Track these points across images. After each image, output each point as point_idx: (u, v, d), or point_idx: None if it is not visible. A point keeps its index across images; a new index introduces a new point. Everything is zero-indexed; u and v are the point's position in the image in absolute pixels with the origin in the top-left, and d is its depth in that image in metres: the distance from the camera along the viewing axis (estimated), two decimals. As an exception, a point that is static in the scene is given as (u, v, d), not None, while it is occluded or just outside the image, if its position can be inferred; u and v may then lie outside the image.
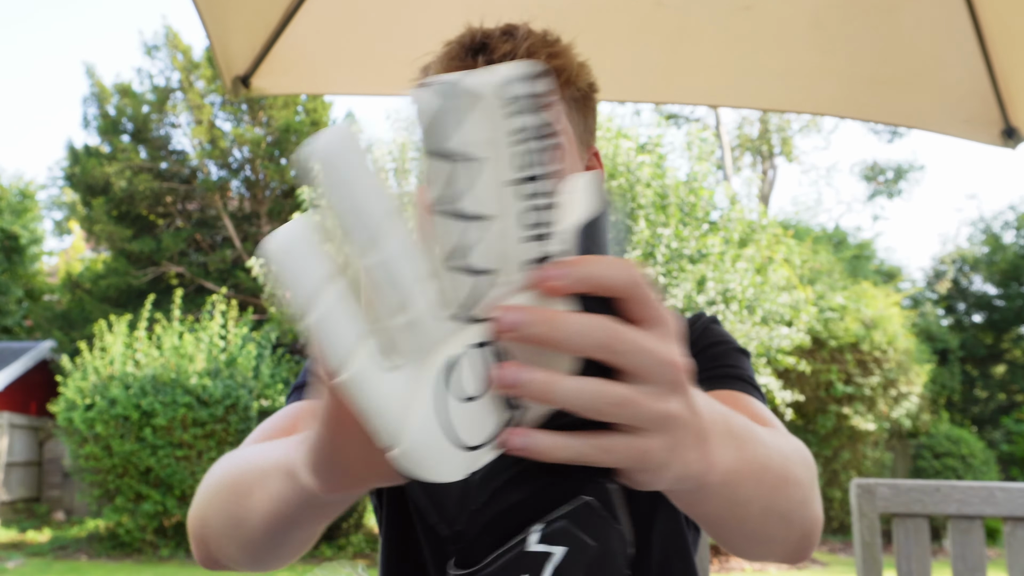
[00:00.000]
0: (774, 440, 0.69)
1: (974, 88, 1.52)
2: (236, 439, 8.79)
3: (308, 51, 1.68)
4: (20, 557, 8.71)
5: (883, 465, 11.12)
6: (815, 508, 0.74)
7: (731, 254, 9.02)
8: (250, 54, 1.65)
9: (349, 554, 9.08)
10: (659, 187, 9.01)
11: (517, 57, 0.87)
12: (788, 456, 0.70)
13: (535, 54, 0.88)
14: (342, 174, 0.37)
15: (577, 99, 0.94)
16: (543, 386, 0.41)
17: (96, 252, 16.92)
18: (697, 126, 15.54)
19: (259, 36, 1.62)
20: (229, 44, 1.60)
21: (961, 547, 1.46)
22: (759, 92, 1.70)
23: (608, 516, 0.45)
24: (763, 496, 0.64)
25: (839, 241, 15.72)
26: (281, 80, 1.70)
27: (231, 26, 1.56)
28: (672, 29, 1.62)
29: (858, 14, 1.53)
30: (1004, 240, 16.24)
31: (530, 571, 0.43)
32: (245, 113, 13.69)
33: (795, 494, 0.70)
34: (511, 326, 0.40)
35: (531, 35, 0.90)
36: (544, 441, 0.42)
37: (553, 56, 0.90)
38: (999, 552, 9.38)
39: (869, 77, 1.58)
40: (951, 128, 1.57)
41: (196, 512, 0.75)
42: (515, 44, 0.88)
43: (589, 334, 0.41)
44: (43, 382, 12.67)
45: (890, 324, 10.81)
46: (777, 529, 0.70)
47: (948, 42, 1.50)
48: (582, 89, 0.95)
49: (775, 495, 0.66)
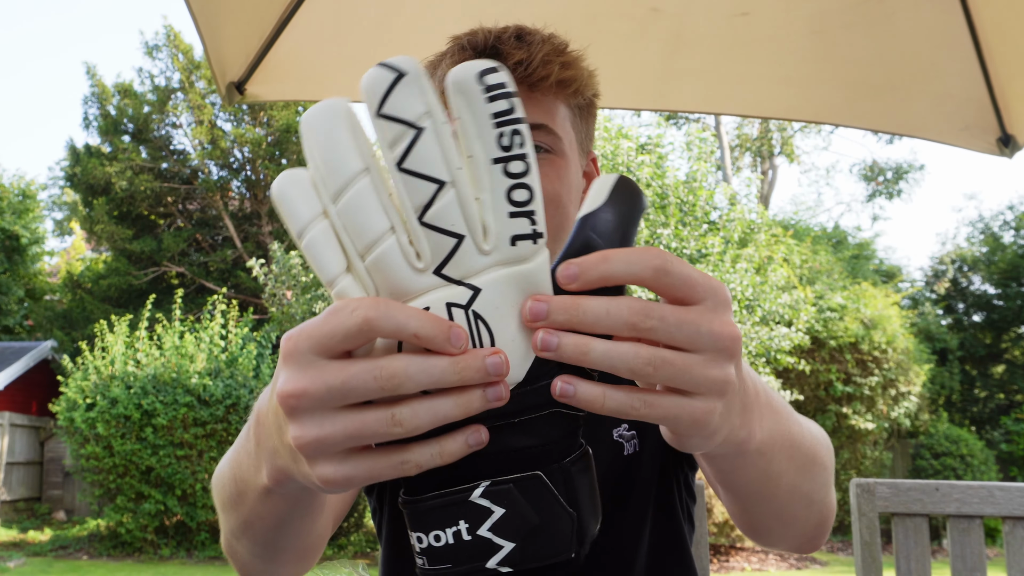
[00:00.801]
0: (804, 421, 0.72)
1: (971, 96, 1.52)
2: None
3: (302, 58, 1.68)
4: (21, 557, 8.72)
5: (882, 465, 11.12)
6: (833, 495, 0.78)
7: (731, 254, 9.02)
8: (244, 61, 1.65)
9: (349, 554, 9.09)
10: (659, 187, 9.00)
11: (532, 65, 0.89)
12: (817, 438, 0.73)
13: (549, 63, 0.90)
14: (319, 134, 0.42)
15: (582, 107, 0.97)
16: (577, 348, 0.43)
17: (97, 252, 16.93)
18: (697, 126, 15.54)
19: (253, 43, 1.62)
20: (224, 51, 1.59)
21: (960, 546, 1.47)
22: (756, 99, 1.70)
23: (557, 496, 0.46)
24: (792, 472, 0.67)
25: (838, 241, 15.71)
26: (275, 87, 1.70)
27: (226, 33, 1.55)
28: (669, 36, 1.62)
29: (856, 22, 1.53)
30: (1003, 240, 16.23)
31: (468, 521, 0.45)
32: (246, 114, 13.70)
33: (819, 476, 0.73)
34: (536, 316, 0.44)
35: (544, 43, 0.91)
36: (589, 391, 0.44)
37: (565, 66, 0.92)
38: (998, 552, 9.38)
39: (866, 84, 1.58)
40: (948, 136, 1.57)
41: (223, 539, 0.76)
42: (530, 52, 0.90)
43: (616, 314, 0.44)
44: (44, 382, 12.68)
45: (889, 324, 10.81)
46: (800, 509, 0.72)
47: (945, 50, 1.50)
48: (587, 98, 0.97)
49: (803, 474, 0.69)
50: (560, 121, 0.93)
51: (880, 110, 1.61)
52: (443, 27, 1.71)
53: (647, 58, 1.67)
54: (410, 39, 1.69)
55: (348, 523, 9.42)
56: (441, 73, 0.91)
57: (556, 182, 0.91)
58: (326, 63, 1.73)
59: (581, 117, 0.97)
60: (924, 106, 1.59)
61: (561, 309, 0.43)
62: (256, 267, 9.40)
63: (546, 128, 0.92)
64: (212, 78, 1.77)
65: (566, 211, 0.92)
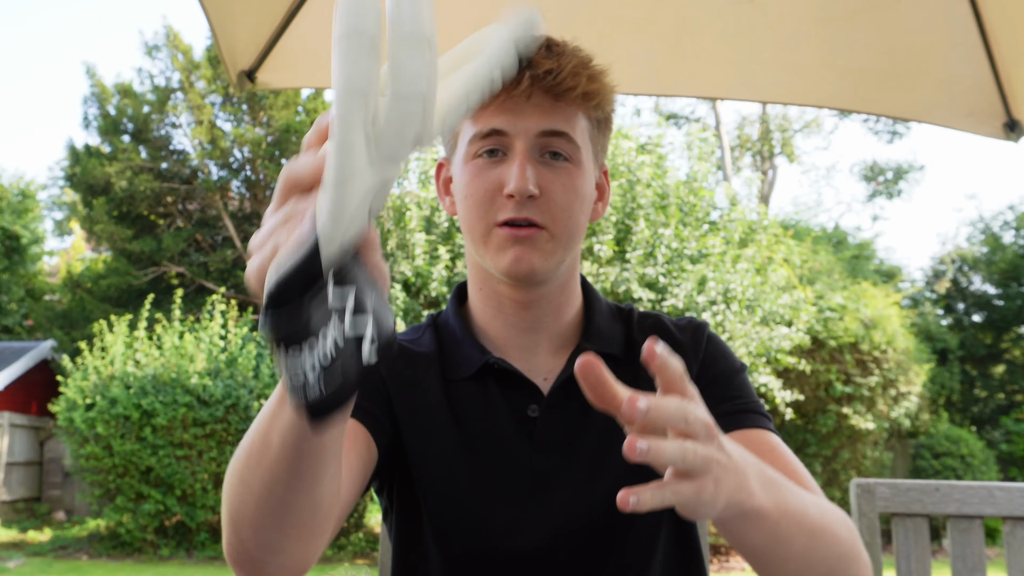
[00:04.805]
0: (812, 496, 0.80)
1: (976, 81, 1.52)
2: (236, 439, 8.79)
3: (313, 45, 1.68)
4: (21, 557, 8.71)
5: (883, 465, 11.13)
6: (860, 569, 0.83)
7: (731, 254, 9.03)
8: (255, 49, 1.65)
9: (349, 554, 9.09)
10: (659, 187, 9.01)
11: (561, 75, 0.92)
12: (827, 511, 0.81)
13: (578, 75, 0.94)
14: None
15: (600, 121, 1.00)
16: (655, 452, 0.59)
17: (97, 252, 16.93)
18: (697, 126, 15.55)
19: (264, 30, 1.62)
20: (234, 39, 1.60)
21: (961, 547, 1.46)
22: (762, 85, 1.71)
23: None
24: (803, 538, 0.75)
25: (839, 241, 15.72)
26: (286, 74, 1.71)
27: (236, 20, 1.56)
28: (675, 22, 1.63)
29: (861, 8, 1.54)
30: (1003, 240, 16.24)
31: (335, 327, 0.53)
32: (245, 113, 13.70)
33: (835, 547, 0.79)
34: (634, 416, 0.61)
35: (573, 56, 0.95)
36: (648, 497, 0.60)
37: (591, 79, 0.95)
38: (998, 552, 9.38)
39: (872, 70, 1.58)
40: (953, 121, 1.57)
41: (228, 536, 0.76)
42: (559, 63, 0.93)
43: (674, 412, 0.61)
44: (44, 382, 12.67)
45: (889, 324, 10.82)
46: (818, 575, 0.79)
47: (950, 35, 1.50)
48: (606, 112, 1.01)
49: (815, 541, 0.77)
50: (580, 132, 0.96)
51: (886, 96, 1.61)
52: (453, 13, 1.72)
53: (653, 44, 1.68)
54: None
55: (348, 523, 9.42)
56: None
57: (571, 192, 0.95)
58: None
59: (599, 130, 1.01)
60: (930, 91, 1.60)
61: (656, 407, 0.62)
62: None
63: (567, 136, 0.95)
64: (222, 66, 1.78)
65: (577, 220, 0.96)
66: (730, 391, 1.02)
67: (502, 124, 0.94)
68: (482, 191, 0.95)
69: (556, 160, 0.95)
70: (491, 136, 0.95)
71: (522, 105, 0.93)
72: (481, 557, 0.97)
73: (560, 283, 1.01)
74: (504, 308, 1.02)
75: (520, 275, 0.95)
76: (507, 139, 0.94)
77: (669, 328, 1.08)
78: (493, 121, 0.94)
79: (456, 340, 1.04)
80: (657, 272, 8.53)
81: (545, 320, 1.02)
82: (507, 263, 0.94)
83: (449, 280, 8.37)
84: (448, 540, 0.98)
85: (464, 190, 0.97)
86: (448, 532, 0.98)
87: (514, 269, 0.94)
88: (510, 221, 0.93)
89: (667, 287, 8.57)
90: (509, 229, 0.94)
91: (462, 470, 0.98)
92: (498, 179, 0.94)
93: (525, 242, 0.93)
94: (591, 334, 1.03)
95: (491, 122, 0.95)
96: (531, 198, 0.93)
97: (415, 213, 8.41)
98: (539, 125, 0.94)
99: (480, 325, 1.05)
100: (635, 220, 8.58)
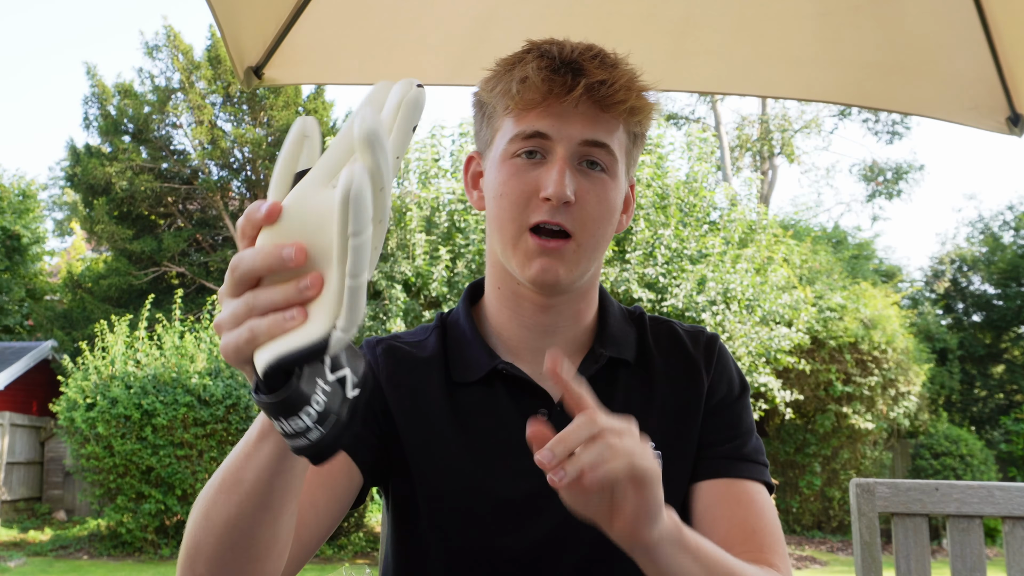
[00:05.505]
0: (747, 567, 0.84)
1: (979, 75, 1.53)
2: (237, 439, 8.79)
3: (320, 41, 1.69)
4: (21, 556, 8.71)
5: (882, 464, 11.14)
6: None
7: (731, 254, 9.03)
8: (262, 45, 1.66)
9: (349, 553, 9.09)
10: (659, 187, 9.02)
11: (613, 87, 0.93)
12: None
13: (629, 89, 0.95)
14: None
15: (637, 136, 1.01)
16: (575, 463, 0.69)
17: (97, 252, 16.94)
18: (697, 126, 15.57)
19: (271, 26, 1.63)
20: (241, 35, 1.60)
21: (960, 546, 1.47)
22: (764, 79, 1.71)
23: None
24: None
25: (838, 241, 15.75)
26: (293, 70, 1.71)
27: (243, 17, 1.56)
28: (678, 16, 1.63)
29: (863, 2, 1.55)
30: (1003, 240, 16.27)
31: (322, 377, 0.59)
32: (246, 113, 13.71)
33: None
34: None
35: (624, 70, 0.96)
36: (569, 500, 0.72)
37: (640, 96, 0.97)
38: (998, 551, 9.39)
39: (874, 64, 1.59)
40: (956, 116, 1.58)
41: (182, 552, 0.82)
42: (612, 75, 0.94)
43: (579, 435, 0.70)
44: (44, 382, 12.67)
45: (889, 324, 10.83)
46: None
47: (953, 29, 1.51)
48: (644, 129, 1.02)
49: None
50: (618, 144, 0.97)
51: (888, 90, 1.62)
52: (458, 10, 1.73)
53: (656, 39, 1.69)
54: (426, 24, 1.71)
55: (348, 523, 9.42)
56: (519, 73, 0.95)
57: (603, 203, 0.96)
58: (344, 47, 1.74)
59: (635, 144, 1.01)
60: (932, 86, 1.60)
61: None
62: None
63: (607, 148, 0.96)
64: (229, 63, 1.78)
65: (604, 232, 0.97)
66: (730, 429, 1.03)
67: (546, 128, 0.94)
68: (518, 191, 0.95)
69: (592, 169, 0.95)
70: (533, 138, 0.95)
71: (569, 111, 0.94)
72: (483, 558, 0.98)
73: (582, 291, 1.02)
74: (522, 310, 1.02)
75: (545, 285, 0.96)
76: (549, 143, 0.94)
77: (681, 337, 1.08)
78: (538, 123, 0.94)
79: (465, 341, 1.04)
80: (657, 272, 8.54)
81: (563, 324, 1.02)
82: (533, 273, 0.95)
83: (449, 280, 8.38)
84: (450, 541, 0.99)
85: (499, 188, 0.97)
86: (450, 533, 0.99)
87: (540, 279, 0.95)
88: (542, 225, 0.94)
89: (667, 287, 8.58)
90: (539, 240, 0.94)
91: (466, 473, 0.99)
92: (535, 181, 0.94)
93: (553, 254, 0.94)
94: (605, 339, 1.04)
95: (536, 124, 0.94)
96: (566, 204, 0.93)
97: (415, 213, 8.43)
98: (583, 134, 0.94)
99: (494, 326, 1.04)
100: (635, 220, 8.60)
